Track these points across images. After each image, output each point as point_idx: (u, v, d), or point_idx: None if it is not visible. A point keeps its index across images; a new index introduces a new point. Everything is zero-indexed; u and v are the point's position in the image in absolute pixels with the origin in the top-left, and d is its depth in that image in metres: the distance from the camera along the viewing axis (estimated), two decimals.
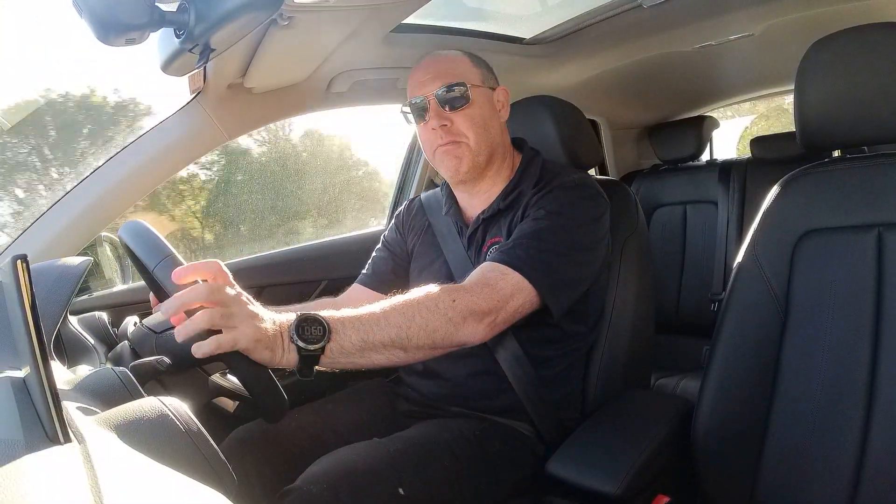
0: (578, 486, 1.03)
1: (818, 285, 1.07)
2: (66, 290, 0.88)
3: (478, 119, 1.24)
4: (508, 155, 1.33)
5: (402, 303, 0.97)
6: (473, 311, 1.01)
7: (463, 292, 1.03)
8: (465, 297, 1.02)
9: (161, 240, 0.95)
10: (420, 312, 0.96)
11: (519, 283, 1.08)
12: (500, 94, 1.31)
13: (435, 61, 1.28)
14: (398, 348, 0.94)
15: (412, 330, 0.95)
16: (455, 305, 0.99)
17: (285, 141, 2.99)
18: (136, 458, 0.51)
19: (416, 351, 0.97)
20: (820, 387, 1.04)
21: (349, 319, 0.91)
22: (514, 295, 1.07)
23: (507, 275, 1.08)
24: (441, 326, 0.97)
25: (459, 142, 1.24)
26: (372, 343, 0.92)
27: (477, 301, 1.02)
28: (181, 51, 0.91)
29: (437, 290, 1.01)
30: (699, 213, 2.58)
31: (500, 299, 1.05)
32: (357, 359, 0.91)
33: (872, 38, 1.05)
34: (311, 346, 0.86)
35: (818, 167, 1.14)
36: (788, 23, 1.80)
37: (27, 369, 0.57)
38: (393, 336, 0.93)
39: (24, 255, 0.51)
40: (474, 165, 1.26)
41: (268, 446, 1.19)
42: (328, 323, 0.88)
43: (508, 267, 1.09)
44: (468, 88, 1.23)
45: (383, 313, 0.94)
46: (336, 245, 1.96)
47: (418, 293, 1.00)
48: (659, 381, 2.19)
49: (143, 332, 1.05)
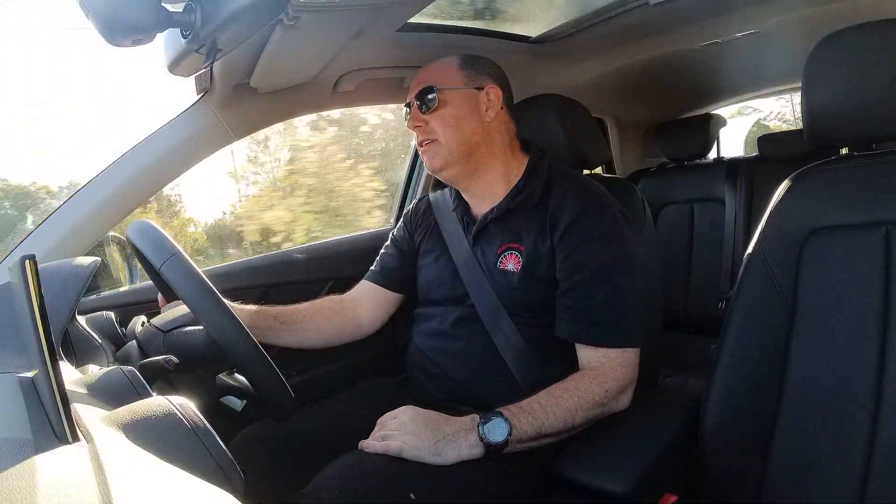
0: (586, 486, 1.03)
1: (826, 283, 1.06)
2: (74, 290, 0.88)
3: (450, 119, 1.29)
4: (503, 153, 1.34)
5: (566, 395, 1.13)
6: (616, 395, 1.17)
7: (609, 388, 1.16)
8: (611, 395, 1.16)
9: (168, 239, 0.95)
10: (581, 410, 1.13)
11: (630, 360, 1.21)
12: (490, 94, 1.32)
13: (423, 68, 1.36)
14: (564, 432, 1.12)
15: (576, 422, 1.12)
16: (606, 395, 1.16)
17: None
18: (144, 457, 0.51)
19: (579, 429, 1.15)
20: (827, 385, 1.03)
21: (524, 413, 1.09)
22: (630, 364, 1.21)
23: (626, 353, 1.20)
24: (599, 414, 1.16)
25: (432, 140, 1.30)
26: (544, 434, 1.09)
27: (618, 397, 1.18)
28: (188, 51, 0.91)
29: (594, 387, 1.15)
30: (706, 212, 2.57)
31: (628, 380, 1.20)
32: (530, 445, 1.10)
33: (880, 35, 1.04)
34: (496, 441, 1.04)
35: (826, 165, 1.13)
36: (795, 20, 1.79)
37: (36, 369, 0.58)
38: (561, 427, 1.10)
39: (32, 255, 0.52)
40: (447, 163, 1.30)
41: (276, 446, 1.19)
42: (509, 420, 1.06)
43: (620, 348, 1.20)
44: (437, 92, 1.29)
45: (552, 406, 1.11)
46: (343, 244, 1.97)
47: (578, 384, 1.15)
48: (666, 379, 2.18)
49: (150, 331, 1.06)
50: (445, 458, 1.04)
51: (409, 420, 1.06)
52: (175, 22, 0.81)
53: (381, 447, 1.03)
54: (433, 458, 1.03)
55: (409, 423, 1.06)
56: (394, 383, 1.43)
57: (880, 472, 0.97)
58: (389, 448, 1.03)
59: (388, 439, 1.05)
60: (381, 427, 1.09)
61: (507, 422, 1.06)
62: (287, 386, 0.89)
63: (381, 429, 1.08)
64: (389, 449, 1.03)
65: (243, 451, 1.14)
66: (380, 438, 1.06)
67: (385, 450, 1.03)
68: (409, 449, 1.03)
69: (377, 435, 1.08)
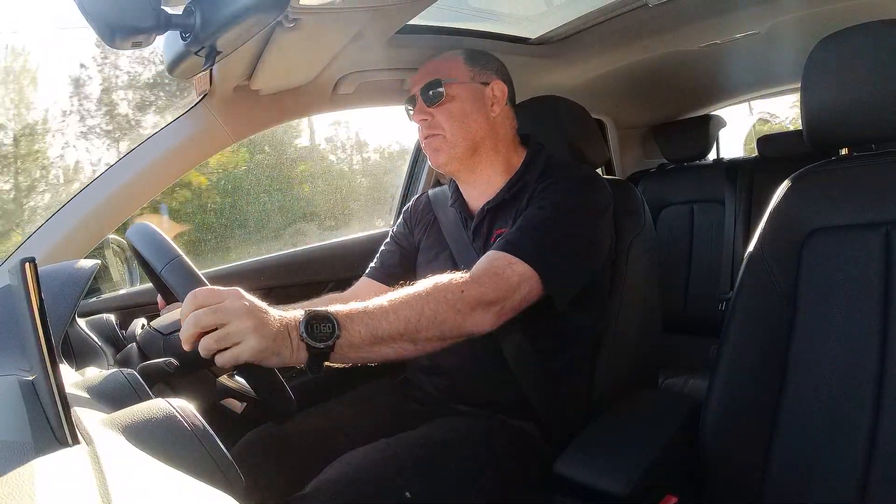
0: (586, 487, 1.03)
1: (826, 284, 1.06)
2: (74, 293, 0.88)
3: (456, 113, 1.29)
4: (506, 148, 1.35)
5: (410, 295, 0.98)
6: (482, 300, 1.02)
7: (471, 282, 1.04)
8: (473, 287, 1.03)
9: (168, 242, 0.95)
10: (428, 304, 0.97)
11: (525, 273, 1.09)
12: (495, 90, 1.33)
13: (428, 62, 1.36)
14: (407, 341, 0.95)
15: (421, 322, 0.95)
16: (464, 296, 1.00)
17: None
18: (144, 460, 0.51)
19: (426, 343, 0.98)
20: (828, 386, 1.03)
21: (357, 313, 0.92)
22: (521, 284, 1.09)
23: (514, 264, 1.09)
24: (450, 317, 0.98)
25: (437, 134, 1.30)
26: (381, 336, 0.92)
27: (485, 291, 1.03)
28: (187, 53, 0.91)
29: (445, 281, 1.02)
30: (706, 213, 2.57)
31: (508, 288, 1.07)
32: (366, 353, 0.92)
33: (879, 35, 1.04)
34: (321, 344, 0.86)
35: (825, 165, 1.13)
36: (794, 20, 1.80)
37: (35, 372, 0.58)
38: (402, 329, 0.94)
39: (32, 257, 0.52)
40: (452, 157, 1.31)
41: (277, 449, 1.19)
42: (336, 319, 0.88)
43: (515, 256, 1.10)
44: (445, 85, 1.29)
45: (391, 306, 0.95)
46: (343, 246, 1.97)
47: (426, 284, 1.01)
48: (666, 380, 2.18)
49: (150, 334, 1.06)
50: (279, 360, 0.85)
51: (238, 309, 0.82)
52: (175, 24, 0.81)
53: (225, 359, 0.81)
54: (275, 359, 0.84)
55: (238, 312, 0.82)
56: (393, 384, 1.43)
57: (881, 473, 0.97)
58: (225, 363, 0.82)
59: (222, 341, 0.81)
60: (196, 319, 0.81)
61: (335, 321, 0.88)
62: (287, 388, 0.88)
63: (198, 319, 0.81)
64: (225, 358, 0.81)
65: (244, 454, 1.14)
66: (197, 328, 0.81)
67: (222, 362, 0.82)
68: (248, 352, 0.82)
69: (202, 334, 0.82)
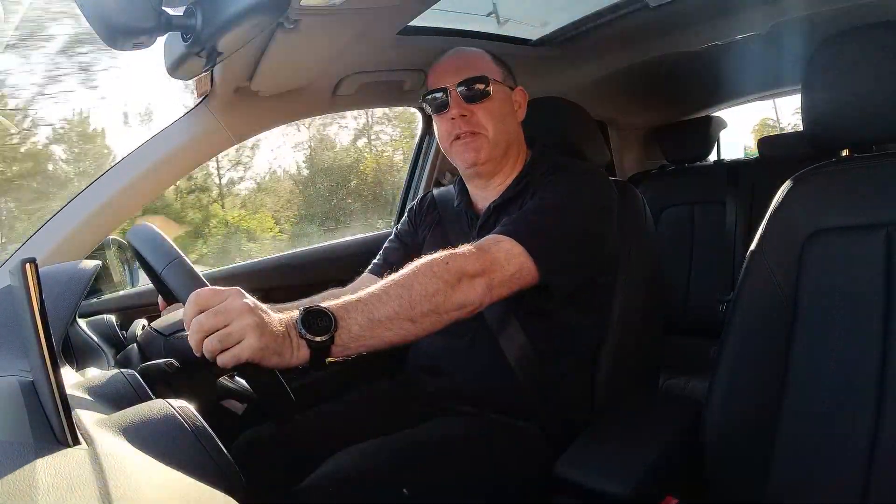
0: (587, 488, 1.03)
1: (827, 285, 1.06)
2: (74, 294, 0.88)
3: (497, 113, 1.28)
4: (522, 151, 1.36)
5: (401, 275, 0.98)
6: (465, 271, 1.01)
7: (455, 254, 1.03)
8: (458, 258, 1.03)
9: (169, 243, 0.95)
10: (417, 279, 0.97)
11: (512, 249, 1.09)
12: (518, 95, 1.35)
13: (458, 55, 1.32)
14: (404, 319, 0.94)
15: (413, 297, 0.95)
16: (448, 267, 1.00)
17: None
18: (144, 461, 0.51)
19: (423, 319, 0.96)
20: (829, 387, 1.03)
21: (351, 303, 0.91)
22: (510, 260, 1.08)
23: (501, 241, 1.10)
24: (440, 289, 0.97)
25: (478, 133, 1.27)
26: (378, 319, 0.91)
27: (467, 262, 1.03)
28: (188, 55, 0.91)
29: (433, 257, 1.02)
30: (707, 214, 2.56)
31: (492, 262, 1.06)
32: (367, 340, 0.91)
33: (880, 37, 1.04)
34: (320, 338, 0.86)
35: (826, 167, 1.13)
36: (795, 22, 1.79)
37: (36, 372, 0.58)
38: (396, 308, 0.93)
39: (32, 258, 0.52)
40: (491, 157, 1.29)
41: (277, 449, 1.19)
42: (332, 311, 0.88)
43: (503, 235, 1.11)
44: (489, 83, 1.26)
45: (383, 289, 0.95)
46: (343, 247, 1.97)
47: (415, 263, 1.01)
48: (667, 382, 2.18)
49: (151, 334, 1.06)
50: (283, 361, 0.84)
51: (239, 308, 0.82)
52: (175, 25, 0.81)
53: (227, 359, 0.80)
54: (276, 359, 0.83)
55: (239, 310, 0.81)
56: (394, 384, 1.43)
57: (883, 474, 0.97)
58: (226, 364, 0.81)
59: (225, 341, 0.80)
60: (200, 324, 0.81)
61: (332, 313, 0.88)
62: (288, 389, 0.88)
63: (202, 322, 0.81)
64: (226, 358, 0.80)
65: (244, 454, 1.14)
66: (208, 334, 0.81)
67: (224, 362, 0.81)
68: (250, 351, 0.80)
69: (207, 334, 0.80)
